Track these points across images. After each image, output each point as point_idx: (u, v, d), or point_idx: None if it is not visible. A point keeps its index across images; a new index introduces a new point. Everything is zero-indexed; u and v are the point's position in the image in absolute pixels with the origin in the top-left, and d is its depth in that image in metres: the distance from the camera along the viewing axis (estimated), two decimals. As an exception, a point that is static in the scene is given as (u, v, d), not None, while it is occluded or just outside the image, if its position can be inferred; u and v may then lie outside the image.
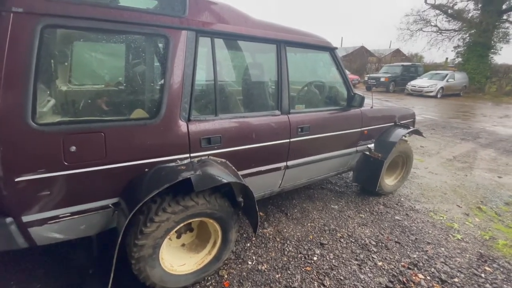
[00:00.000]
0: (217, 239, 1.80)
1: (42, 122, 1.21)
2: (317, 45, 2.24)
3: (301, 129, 2.12)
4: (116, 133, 1.37)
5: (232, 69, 2.74)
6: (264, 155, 2.01)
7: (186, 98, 1.57)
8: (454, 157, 4.61)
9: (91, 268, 1.84)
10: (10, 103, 1.14)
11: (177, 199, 1.51)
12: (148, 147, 1.47)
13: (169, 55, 1.50)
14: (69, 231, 1.42)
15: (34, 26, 1.16)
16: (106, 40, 1.67)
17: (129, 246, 1.47)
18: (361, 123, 2.58)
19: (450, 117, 8.57)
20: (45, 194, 1.27)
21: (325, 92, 2.55)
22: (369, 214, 2.69)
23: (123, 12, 1.35)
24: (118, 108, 1.59)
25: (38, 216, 1.30)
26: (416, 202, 2.98)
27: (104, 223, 1.51)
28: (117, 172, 1.41)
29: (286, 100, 2.05)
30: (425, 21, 18.47)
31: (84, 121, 1.32)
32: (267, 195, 2.27)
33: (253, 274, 1.88)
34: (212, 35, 1.67)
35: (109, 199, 1.45)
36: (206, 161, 1.68)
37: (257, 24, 1.88)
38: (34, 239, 1.34)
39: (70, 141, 1.26)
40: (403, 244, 2.26)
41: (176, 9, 1.52)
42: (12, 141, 1.15)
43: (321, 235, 2.33)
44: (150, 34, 1.48)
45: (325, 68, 2.70)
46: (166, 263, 1.62)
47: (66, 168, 1.27)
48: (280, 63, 2.01)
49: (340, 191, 3.15)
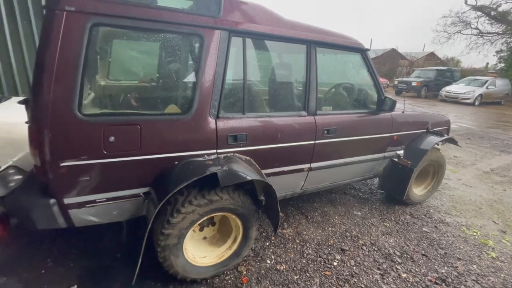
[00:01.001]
0: (238, 235, 1.83)
1: (87, 113, 1.32)
2: (349, 46, 2.19)
3: (327, 131, 2.09)
4: (151, 126, 1.45)
5: (261, 69, 2.77)
6: (288, 156, 2.01)
7: (216, 96, 1.62)
8: (492, 170, 4.28)
9: (119, 253, 1.96)
10: (61, 94, 1.25)
11: (202, 193, 1.56)
12: (178, 141, 1.54)
13: (203, 54, 1.55)
14: (103, 215, 1.52)
15: (84, 24, 1.26)
16: (145, 39, 1.76)
17: (156, 234, 1.54)
18: (391, 128, 2.48)
19: (489, 126, 7.94)
20: (85, 179, 1.38)
21: (354, 94, 2.49)
22: (394, 223, 2.59)
23: (162, 12, 1.43)
24: (153, 103, 1.68)
25: (77, 199, 1.41)
26: (447, 215, 2.81)
27: (135, 210, 1.61)
28: (150, 163, 1.49)
29: (314, 101, 2.03)
30: (464, 23, 17.34)
31: (122, 114, 1.41)
32: (288, 196, 2.26)
33: (271, 273, 1.89)
34: (244, 35, 1.70)
35: (140, 188, 1.54)
36: (232, 157, 1.71)
37: (288, 24, 1.88)
38: (73, 220, 1.45)
39: (110, 132, 1.35)
40: (430, 258, 2.15)
41: (211, 9, 1.57)
42: (60, 129, 1.26)
43: (342, 240, 2.28)
44: (186, 34, 1.54)
45: (354, 70, 2.63)
46: (189, 254, 1.68)
47: (105, 157, 1.37)
48: (309, 63, 2.00)
49: (364, 198, 3.05)
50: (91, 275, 1.77)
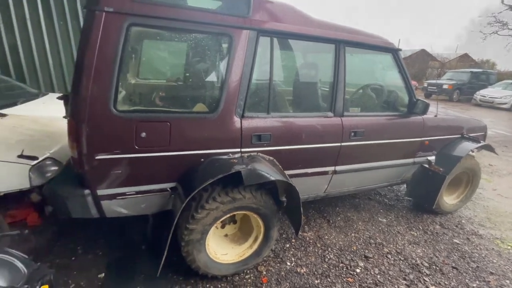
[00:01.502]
0: (259, 235, 1.83)
1: (121, 109, 1.38)
2: (379, 46, 2.11)
3: (355, 133, 2.03)
4: (180, 123, 1.49)
5: (287, 69, 2.74)
6: (312, 157, 1.97)
7: (242, 95, 1.63)
8: (533, 181, 3.94)
9: (144, 245, 2.03)
10: (98, 91, 1.31)
11: (226, 190, 1.58)
12: (205, 139, 1.57)
13: (231, 54, 1.56)
14: (132, 208, 1.59)
15: (122, 24, 1.31)
16: (177, 39, 1.81)
17: (180, 229, 1.58)
18: (422, 132, 2.36)
19: (530, 134, 7.33)
20: (117, 172, 1.44)
21: (383, 95, 2.39)
22: (422, 232, 2.46)
23: (193, 12, 1.46)
24: (182, 102, 1.72)
25: (109, 191, 1.47)
26: (480, 227, 2.63)
27: (161, 204, 1.65)
28: (177, 159, 1.53)
29: (341, 102, 1.98)
30: (501, 24, 16.12)
31: (154, 111, 1.47)
32: (311, 198, 2.22)
33: (291, 275, 1.86)
34: (272, 35, 1.69)
35: (168, 183, 1.58)
36: (255, 157, 1.71)
37: (317, 23, 1.85)
38: (104, 211, 1.52)
39: (142, 128, 1.40)
40: (461, 271, 2.02)
41: (241, 9, 1.58)
42: (97, 124, 1.33)
43: (366, 247, 2.20)
44: (215, 33, 1.56)
45: (384, 70, 2.53)
46: (211, 250, 1.70)
47: (137, 152, 1.43)
48: (337, 63, 1.95)
49: (390, 204, 2.93)
50: (117, 264, 1.85)
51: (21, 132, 2.12)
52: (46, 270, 1.07)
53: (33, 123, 2.35)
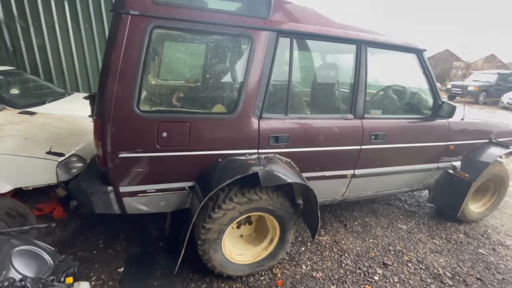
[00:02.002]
0: (274, 237, 1.82)
1: (144, 109, 1.42)
2: (403, 46, 2.04)
3: (375, 136, 1.97)
4: (199, 124, 1.51)
5: (307, 70, 2.71)
6: (331, 160, 1.94)
7: (260, 96, 1.63)
8: None
9: (162, 242, 2.08)
10: (123, 92, 1.35)
11: (243, 191, 1.58)
12: (223, 140, 1.58)
13: (250, 55, 1.57)
14: (152, 205, 1.63)
15: (146, 26, 1.35)
16: (198, 41, 1.84)
17: (197, 227, 1.60)
18: (447, 136, 2.26)
19: None
20: (139, 170, 1.48)
21: (406, 98, 2.31)
22: (445, 241, 2.35)
23: (215, 14, 1.47)
24: (202, 103, 1.75)
25: (131, 188, 1.52)
26: (507, 237, 2.48)
27: (179, 203, 1.69)
28: (196, 159, 1.55)
29: (361, 104, 1.93)
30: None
31: (175, 111, 1.50)
32: (328, 202, 2.19)
33: (307, 279, 1.84)
34: (292, 35, 1.68)
35: (186, 182, 1.61)
36: (272, 158, 1.70)
37: (338, 25, 1.82)
38: (126, 208, 1.57)
39: (163, 128, 1.44)
40: (486, 283, 1.91)
41: (261, 11, 1.58)
42: (122, 124, 1.38)
43: (385, 254, 2.13)
44: (235, 35, 1.57)
45: (407, 72, 2.44)
46: (227, 250, 1.71)
47: (158, 151, 1.46)
48: (359, 64, 1.90)
49: (410, 210, 2.82)
50: (136, 260, 1.90)
51: (48, 130, 2.23)
52: (71, 262, 1.11)
53: (59, 121, 2.47)
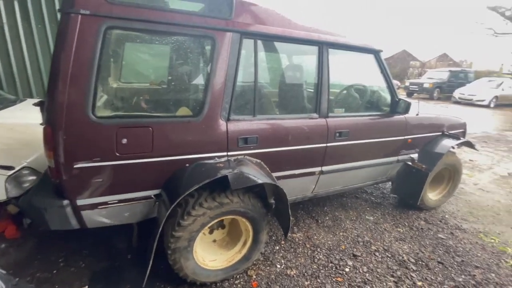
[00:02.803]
0: (247, 239, 1.81)
1: (100, 115, 1.33)
2: (362, 47, 2.15)
3: (339, 133, 2.05)
4: (162, 128, 1.45)
5: (272, 71, 2.75)
6: (299, 159, 1.98)
7: (227, 98, 1.61)
8: (510, 174, 4.12)
9: (130, 254, 1.97)
10: (75, 97, 1.26)
11: (213, 195, 1.55)
12: (190, 143, 1.54)
13: (214, 56, 1.55)
14: (115, 217, 1.53)
15: (99, 27, 1.27)
16: (159, 42, 1.78)
17: (166, 236, 1.54)
18: (405, 130, 2.42)
19: (506, 129, 7.68)
20: (98, 181, 1.39)
21: (367, 96, 2.44)
22: (408, 229, 2.51)
23: (175, 15, 1.43)
24: (165, 106, 1.69)
25: (90, 200, 1.42)
26: (463, 221, 2.71)
27: (146, 212, 1.61)
28: (161, 165, 1.49)
29: (325, 103, 2.00)
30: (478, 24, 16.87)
31: (135, 116, 1.43)
32: (299, 199, 2.23)
33: (281, 278, 1.85)
34: (255, 37, 1.69)
35: (152, 190, 1.54)
36: (242, 160, 1.70)
37: (300, 26, 1.86)
38: (85, 222, 1.47)
39: (123, 134, 1.36)
40: (446, 265, 2.07)
41: (223, 12, 1.57)
42: (75, 131, 1.28)
43: (354, 246, 2.22)
44: (197, 36, 1.54)
45: (367, 71, 2.58)
46: (199, 257, 1.67)
47: (118, 159, 1.38)
48: (321, 65, 1.97)
49: (376, 202, 2.98)
50: (102, 276, 1.78)
51: (-5, 141, 2.02)
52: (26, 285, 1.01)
53: (9, 131, 2.25)
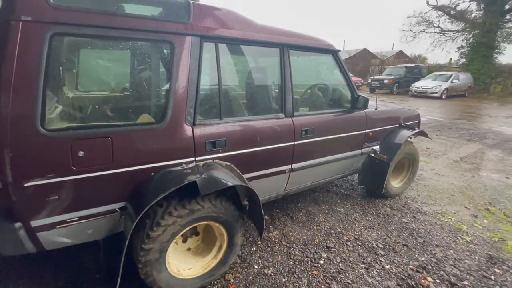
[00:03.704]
0: (222, 243, 1.79)
1: (51, 128, 1.23)
2: (320, 48, 2.25)
3: (306, 131, 2.12)
4: (122, 138, 1.39)
5: (236, 73, 2.76)
6: (269, 158, 2.01)
7: (191, 102, 1.59)
8: (461, 158, 4.56)
9: (98, 273, 1.85)
10: (20, 109, 1.16)
11: (183, 203, 1.52)
12: (154, 151, 1.49)
13: (174, 61, 1.52)
14: (77, 235, 1.43)
15: (43, 34, 1.19)
16: (113, 47, 1.70)
17: (136, 250, 1.47)
18: (366, 125, 2.57)
19: (456, 118, 8.48)
20: (54, 198, 1.29)
21: (329, 94, 2.55)
22: (375, 216, 2.67)
23: (128, 19, 1.38)
24: (124, 114, 1.62)
25: (46, 220, 1.31)
26: (424, 204, 2.95)
27: (111, 227, 1.52)
28: (124, 176, 1.42)
29: (290, 103, 2.05)
30: (427, 23, 18.40)
31: (91, 127, 1.34)
32: (272, 198, 2.26)
33: (259, 278, 1.87)
34: (216, 40, 1.69)
35: (116, 203, 1.46)
36: (212, 164, 1.68)
37: (261, 28, 1.89)
38: (43, 244, 1.35)
39: (78, 146, 1.28)
40: (411, 247, 2.23)
41: (181, 16, 1.55)
42: (22, 147, 1.17)
43: (328, 238, 2.31)
44: (155, 41, 1.50)
45: (328, 71, 2.70)
46: (173, 267, 1.62)
47: (74, 173, 1.29)
48: (283, 66, 2.02)
49: (346, 194, 3.12)
50: (67, 300, 1.65)
51: None
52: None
53: None
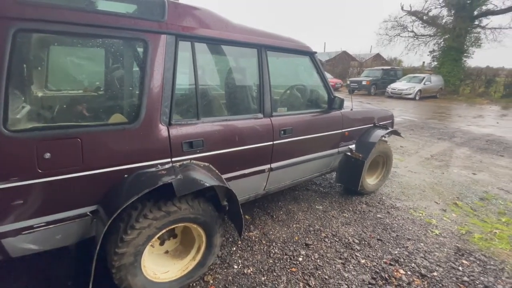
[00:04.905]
0: (201, 244, 1.78)
1: (14, 129, 1.17)
2: (297, 50, 2.29)
3: (284, 131, 2.15)
4: (93, 138, 1.34)
5: (214, 73, 2.75)
6: (248, 158, 2.02)
7: (166, 102, 1.56)
8: (432, 156, 4.81)
9: (70, 280, 1.77)
10: (-21, 109, 1.09)
11: (158, 205, 1.49)
12: (127, 152, 1.44)
13: (148, 59, 1.49)
14: (45, 241, 1.36)
15: (6, 30, 1.13)
16: (83, 45, 1.64)
17: (109, 255, 1.42)
18: (342, 125, 2.65)
19: (428, 118, 8.94)
20: (18, 203, 1.22)
21: (307, 95, 2.60)
22: (352, 213, 2.75)
23: (100, 16, 1.34)
24: (95, 113, 1.56)
25: (11, 226, 1.24)
26: (397, 200, 3.08)
27: (82, 232, 1.47)
28: (95, 179, 1.37)
29: (268, 103, 2.08)
30: (402, 27, 19.31)
31: (59, 127, 1.29)
32: (252, 198, 2.27)
33: (238, 278, 1.87)
34: (192, 39, 1.67)
35: (87, 207, 1.41)
36: (189, 165, 1.66)
37: (238, 29, 1.90)
38: (8, 251, 1.28)
39: (44, 148, 1.22)
40: (385, 241, 2.32)
41: (155, 14, 1.52)
42: (-19, 149, 1.10)
43: (306, 235, 2.35)
44: (128, 38, 1.47)
45: (306, 72, 2.76)
46: (149, 271, 1.59)
47: (40, 176, 1.23)
48: (261, 67, 2.04)
49: (324, 192, 3.20)
50: (35, 310, 1.57)
51: None
52: None
53: None
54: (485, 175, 3.97)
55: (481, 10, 15.72)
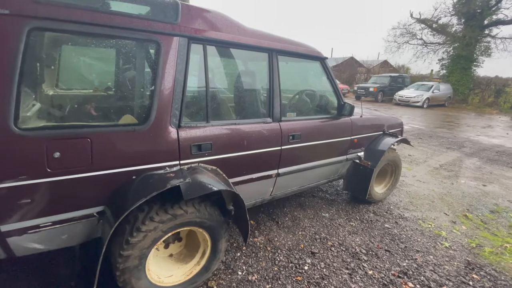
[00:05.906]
0: (206, 249, 1.75)
1: (25, 127, 1.17)
2: (308, 55, 2.27)
3: (292, 136, 2.12)
4: (103, 139, 1.33)
5: (225, 76, 2.74)
6: (255, 163, 1.99)
7: (176, 104, 1.55)
8: (441, 166, 4.72)
9: (73, 280, 1.76)
10: (-8, 107, 1.09)
11: (165, 208, 1.47)
12: (136, 154, 1.44)
13: (160, 61, 1.48)
14: (50, 241, 1.35)
15: (21, 28, 1.13)
16: (96, 45, 1.65)
17: (114, 256, 1.41)
18: (351, 131, 2.61)
19: (436, 126, 8.82)
20: (26, 202, 1.21)
21: (316, 100, 2.58)
22: (359, 222, 2.70)
23: (113, 17, 1.34)
24: (106, 114, 1.56)
25: (17, 225, 1.23)
26: (405, 210, 3.02)
27: (88, 233, 1.45)
28: (103, 179, 1.36)
29: (278, 107, 2.06)
30: (411, 34, 19.17)
31: (69, 127, 1.28)
32: (258, 203, 2.24)
33: (243, 285, 1.83)
34: (204, 42, 1.67)
35: (94, 207, 1.40)
36: (196, 168, 1.65)
37: (250, 33, 1.89)
38: (13, 250, 1.27)
39: (54, 147, 1.21)
40: (393, 253, 2.27)
41: (169, 16, 1.52)
42: (-8, 146, 1.10)
43: (312, 243, 2.31)
44: (141, 40, 1.46)
45: (316, 77, 2.73)
46: (153, 275, 1.56)
47: (49, 175, 1.22)
48: (272, 71, 2.02)
49: (331, 199, 3.15)
50: (38, 310, 1.55)
51: None
52: None
53: None
54: (496, 187, 3.88)
55: (491, 20, 15.56)
